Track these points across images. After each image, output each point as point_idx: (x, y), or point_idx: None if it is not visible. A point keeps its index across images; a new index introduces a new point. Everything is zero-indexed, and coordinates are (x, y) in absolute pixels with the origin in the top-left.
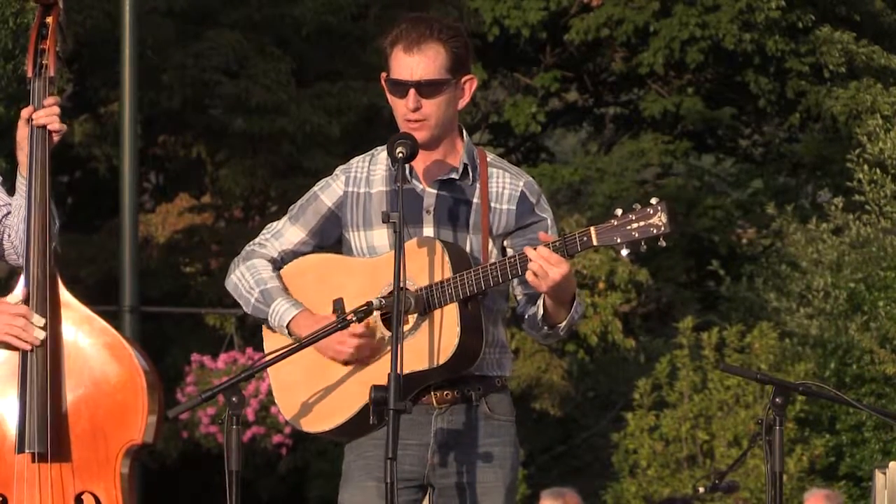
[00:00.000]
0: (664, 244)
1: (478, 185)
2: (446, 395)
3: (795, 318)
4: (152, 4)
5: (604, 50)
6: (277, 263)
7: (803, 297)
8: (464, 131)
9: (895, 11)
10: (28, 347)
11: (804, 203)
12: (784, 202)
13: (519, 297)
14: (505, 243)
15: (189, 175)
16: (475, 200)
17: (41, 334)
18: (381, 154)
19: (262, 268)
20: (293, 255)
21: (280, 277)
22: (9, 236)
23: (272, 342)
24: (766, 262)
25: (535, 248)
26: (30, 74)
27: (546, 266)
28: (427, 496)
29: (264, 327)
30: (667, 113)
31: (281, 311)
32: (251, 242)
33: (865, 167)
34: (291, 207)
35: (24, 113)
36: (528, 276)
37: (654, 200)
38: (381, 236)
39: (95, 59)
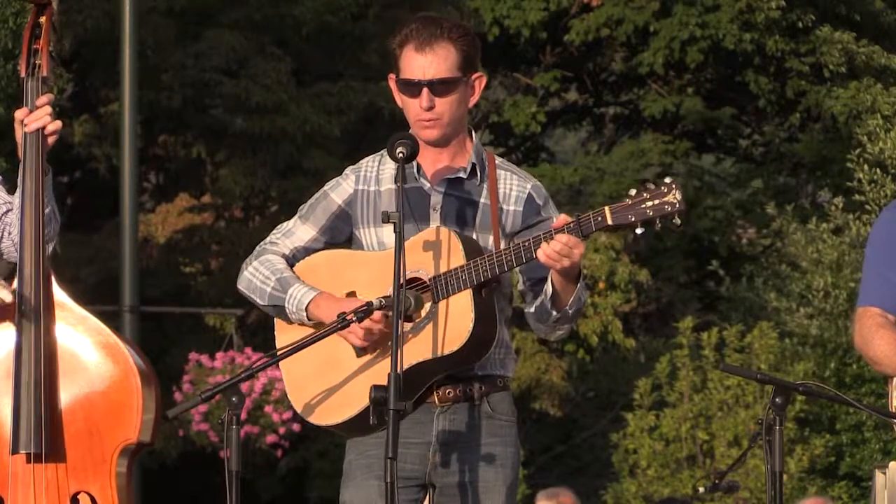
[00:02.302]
0: (678, 222)
1: (486, 186)
2: (448, 393)
3: (795, 318)
4: (152, 4)
5: (604, 50)
6: (290, 260)
7: (803, 297)
8: (472, 132)
9: (895, 11)
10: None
11: (804, 203)
12: (784, 202)
13: (524, 293)
14: (510, 244)
15: (189, 175)
16: (482, 200)
17: (7, 298)
18: None
19: (275, 261)
20: (305, 252)
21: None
22: (9, 234)
23: (285, 337)
24: (766, 262)
25: (548, 233)
26: (23, 74)
27: (565, 249)
28: (428, 495)
29: (277, 321)
30: (667, 113)
31: (299, 294)
32: (262, 242)
33: (865, 167)
34: (301, 207)
35: (18, 115)
36: (542, 256)
37: (667, 179)
38: (390, 232)
39: (95, 59)
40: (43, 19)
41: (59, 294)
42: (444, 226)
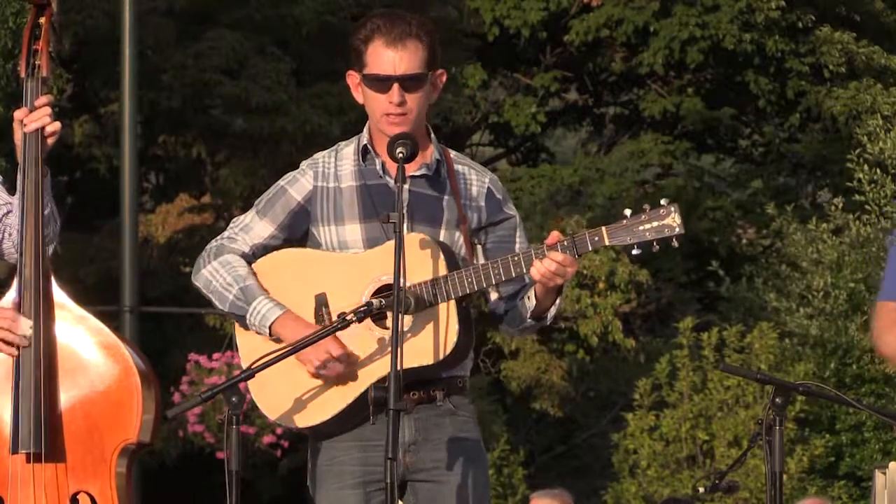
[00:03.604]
0: (676, 245)
1: (448, 182)
2: (413, 395)
3: (795, 318)
4: (152, 4)
5: (604, 50)
6: (249, 258)
7: (803, 297)
8: (430, 129)
9: (895, 11)
10: (13, 352)
11: (804, 203)
12: (784, 202)
13: (493, 297)
14: (474, 239)
15: (189, 175)
16: (447, 196)
17: (28, 332)
18: (346, 149)
19: (237, 264)
20: (263, 249)
21: (255, 274)
22: (10, 235)
23: (246, 339)
24: (766, 262)
25: (539, 249)
26: (23, 75)
27: (560, 269)
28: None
29: (237, 324)
30: (667, 113)
31: (263, 310)
32: (219, 237)
33: (865, 167)
34: (258, 201)
35: (17, 115)
36: (535, 275)
37: (664, 201)
38: (353, 231)
39: (95, 59)
40: (42, 20)
41: (59, 294)
42: (412, 224)
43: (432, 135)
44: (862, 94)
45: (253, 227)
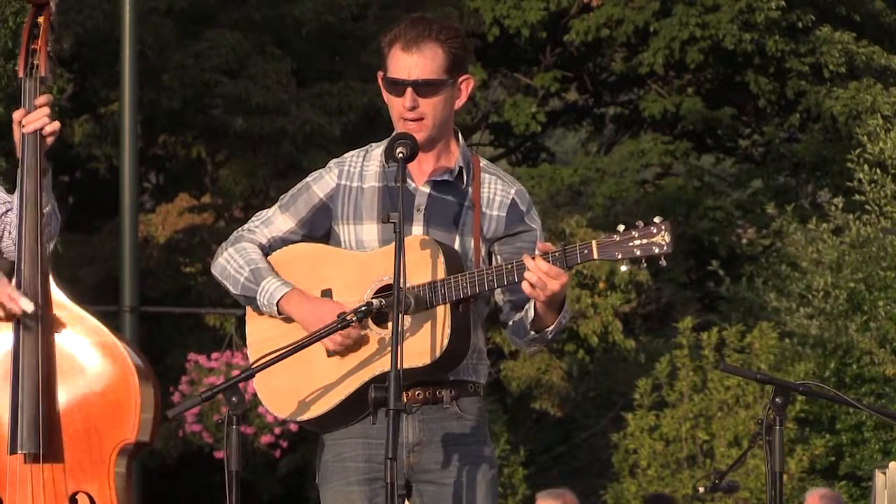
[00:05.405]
0: (664, 263)
1: (470, 189)
2: (417, 395)
3: (795, 318)
4: (152, 4)
5: (604, 50)
6: (266, 250)
7: (803, 297)
8: (459, 134)
9: (895, 11)
10: (11, 316)
11: (804, 203)
12: (784, 202)
13: (502, 304)
14: (492, 249)
15: (189, 175)
16: (467, 203)
17: (28, 306)
18: (376, 150)
19: (251, 250)
20: (282, 242)
21: (269, 262)
22: (10, 233)
23: (255, 325)
24: (766, 262)
25: (533, 258)
26: (21, 74)
27: (545, 279)
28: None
29: (248, 310)
30: (667, 113)
31: (271, 288)
32: (239, 228)
33: (865, 167)
34: (282, 196)
35: (16, 115)
36: (525, 286)
37: (657, 219)
38: (370, 231)
39: (95, 59)
40: (41, 19)
41: (58, 294)
42: (427, 227)
43: (461, 141)
44: (862, 94)
45: (274, 220)
